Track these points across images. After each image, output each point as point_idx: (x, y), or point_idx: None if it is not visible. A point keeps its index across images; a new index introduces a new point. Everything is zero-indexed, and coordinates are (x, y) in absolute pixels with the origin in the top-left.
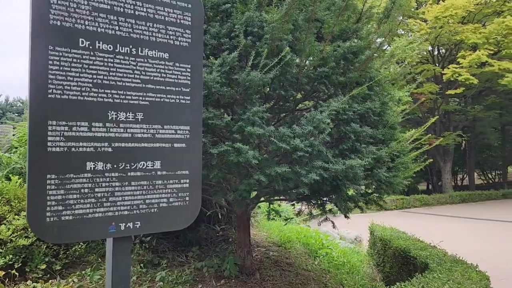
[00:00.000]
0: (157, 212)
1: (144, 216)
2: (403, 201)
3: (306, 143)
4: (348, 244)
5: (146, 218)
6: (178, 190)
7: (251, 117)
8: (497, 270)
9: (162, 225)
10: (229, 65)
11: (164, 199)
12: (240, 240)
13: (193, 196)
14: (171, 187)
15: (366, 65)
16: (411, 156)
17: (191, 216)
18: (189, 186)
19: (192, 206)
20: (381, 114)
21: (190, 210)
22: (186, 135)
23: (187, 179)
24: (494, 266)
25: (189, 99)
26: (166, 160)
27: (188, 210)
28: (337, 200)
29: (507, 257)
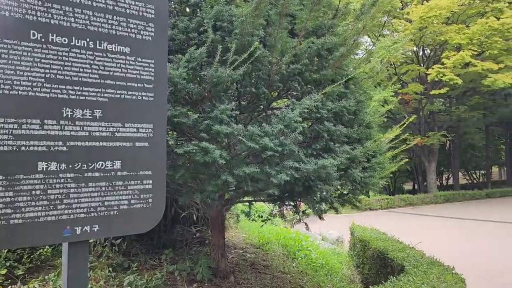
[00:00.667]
0: (117, 214)
1: (103, 219)
2: (388, 201)
3: (276, 142)
4: (330, 245)
5: (105, 221)
6: (140, 191)
7: (219, 115)
8: (477, 271)
9: (123, 228)
10: (196, 61)
11: (125, 201)
12: (214, 242)
13: (157, 197)
14: (132, 188)
15: (341, 62)
16: (388, 156)
17: (154, 218)
18: (152, 187)
19: (156, 208)
20: (357, 112)
21: (153, 212)
22: (149, 134)
23: (150, 179)
24: (474, 266)
25: (153, 96)
26: (127, 160)
27: (151, 212)
28: (310, 201)
29: (488, 257)
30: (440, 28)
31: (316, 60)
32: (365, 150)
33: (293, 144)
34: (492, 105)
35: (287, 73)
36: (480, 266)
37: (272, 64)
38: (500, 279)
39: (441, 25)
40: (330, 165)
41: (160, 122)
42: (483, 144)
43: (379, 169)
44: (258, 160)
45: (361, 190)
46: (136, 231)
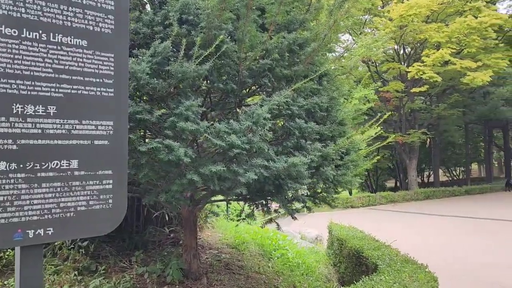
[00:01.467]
0: (74, 216)
1: (58, 221)
2: (369, 199)
3: (244, 139)
4: (308, 243)
5: (60, 223)
6: (99, 191)
7: (184, 112)
8: (452, 268)
9: (81, 231)
10: (161, 56)
11: (83, 202)
12: (186, 243)
13: (118, 198)
14: (91, 188)
15: (313, 57)
16: (363, 153)
17: (115, 219)
18: (113, 187)
19: (116, 209)
20: (329, 109)
21: (114, 214)
22: (109, 131)
23: (110, 179)
24: (449, 263)
25: (113, 92)
26: (85, 158)
27: (112, 214)
28: (281, 201)
29: (465, 254)
30: (420, 27)
31: (287, 56)
32: (337, 147)
33: (262, 142)
34: (471, 103)
35: (256, 69)
36: (456, 263)
37: (240, 59)
38: (473, 275)
39: (421, 23)
40: (300, 163)
41: (121, 119)
42: (463, 141)
43: (353, 166)
44: (226, 159)
45: (334, 189)
46: (96, 234)
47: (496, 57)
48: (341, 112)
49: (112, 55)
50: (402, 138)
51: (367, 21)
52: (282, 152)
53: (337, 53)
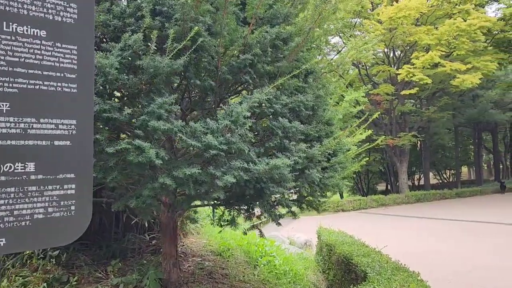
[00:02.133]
0: (30, 225)
1: (11, 231)
2: (360, 202)
3: (222, 140)
4: (297, 249)
5: (14, 233)
6: (60, 197)
7: (157, 110)
8: (445, 271)
9: (38, 241)
10: (131, 49)
11: (40, 209)
12: (165, 251)
13: (81, 204)
14: (50, 194)
15: (297, 53)
16: (351, 155)
17: (78, 228)
18: (76, 192)
19: (80, 217)
20: (315, 108)
21: (77, 222)
22: (72, 131)
23: (73, 184)
24: (439, 267)
25: (76, 87)
26: (43, 161)
27: (75, 222)
28: (263, 205)
29: (456, 258)
30: (410, 29)
31: (270, 51)
32: (324, 148)
33: (242, 142)
34: (460, 106)
35: (237, 65)
36: (448, 267)
37: (219, 54)
38: (465, 280)
39: (411, 26)
40: (283, 165)
41: (85, 117)
42: (453, 144)
43: (341, 169)
44: (202, 160)
45: (321, 192)
46: (56, 244)
47: (485, 59)
48: (328, 112)
49: (75, 48)
50: (393, 141)
51: (357, 24)
52: (264, 154)
53: (329, 56)
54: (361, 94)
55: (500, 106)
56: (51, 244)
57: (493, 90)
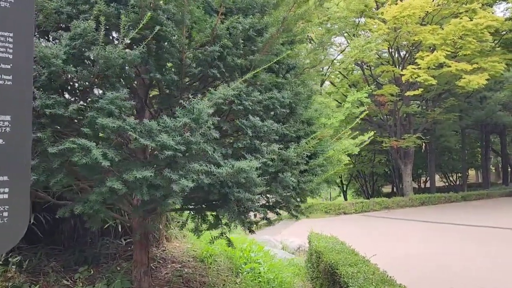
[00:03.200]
0: None
1: None
2: (362, 205)
3: (179, 139)
4: (289, 255)
5: None
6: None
7: (106, 106)
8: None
9: None
10: (81, 38)
11: None
12: (136, 258)
13: (16, 210)
14: None
15: (271, 45)
16: (331, 155)
17: (13, 236)
18: (9, 197)
19: (15, 224)
20: (293, 106)
21: (11, 229)
22: (5, 128)
23: (6, 187)
24: (433, 276)
25: (10, 79)
26: None
27: (8, 230)
28: (229, 212)
29: (456, 266)
30: (414, 29)
31: (242, 43)
32: (300, 149)
33: (205, 143)
34: (467, 107)
35: (203, 57)
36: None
37: (183, 45)
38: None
39: (415, 25)
40: (249, 168)
41: (21, 113)
42: (459, 146)
43: (321, 172)
44: (160, 163)
45: (297, 197)
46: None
47: (493, 60)
48: (310, 110)
49: (10, 35)
50: (397, 142)
51: (361, 23)
52: (232, 155)
53: (332, 56)
54: (364, 95)
55: (509, 108)
56: None
57: (501, 92)
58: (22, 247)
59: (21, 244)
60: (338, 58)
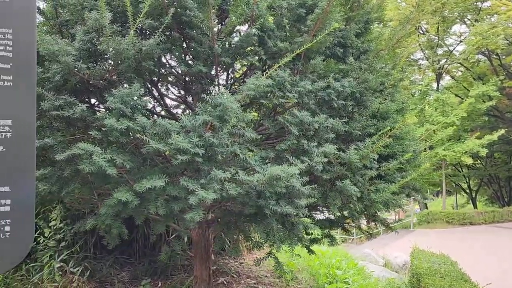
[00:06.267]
0: None
1: None
2: (493, 214)
3: (196, 141)
4: (391, 273)
5: None
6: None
7: (117, 105)
8: None
9: None
10: (95, 31)
11: None
12: (196, 273)
13: (19, 224)
14: None
15: (323, 22)
16: (423, 157)
17: (16, 253)
18: (12, 209)
19: (18, 239)
20: (358, 97)
21: (14, 245)
22: (6, 134)
23: (7, 199)
24: None
25: (11, 80)
26: None
27: (11, 246)
28: (263, 230)
29: None
30: None
31: (286, 23)
32: (367, 150)
33: (239, 144)
34: None
35: (237, 44)
36: None
37: (211, 31)
38: None
39: None
40: (286, 175)
41: (24, 116)
42: None
43: (401, 178)
44: (177, 170)
45: (362, 213)
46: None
47: None
48: (385, 101)
49: (9, 31)
50: None
51: (484, 8)
52: (275, 159)
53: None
54: (492, 88)
55: None
56: None
57: None
58: (96, 255)
59: (95, 253)
60: (458, 48)
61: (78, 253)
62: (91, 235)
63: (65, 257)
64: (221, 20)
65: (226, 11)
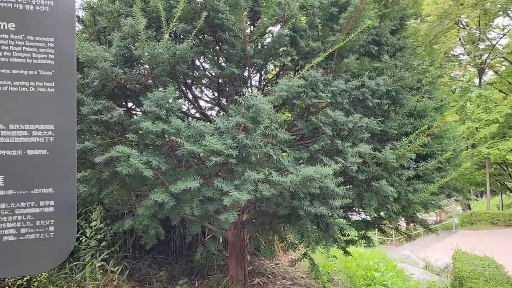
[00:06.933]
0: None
1: None
2: None
3: (230, 142)
4: (431, 276)
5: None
6: (35, 216)
7: (152, 108)
8: None
9: (8, 267)
10: (131, 37)
11: (10, 229)
12: (232, 273)
13: (62, 224)
14: (23, 212)
15: (355, 21)
16: (463, 155)
17: (60, 252)
18: (55, 210)
19: (61, 238)
20: (393, 95)
21: (57, 244)
22: (49, 138)
23: (51, 200)
24: None
25: (53, 86)
26: (13, 174)
27: (54, 245)
28: (297, 231)
29: None
30: None
31: (318, 22)
32: (403, 150)
33: (272, 145)
34: None
35: (269, 45)
36: None
37: (244, 33)
38: None
39: None
40: (319, 176)
41: (65, 121)
42: None
43: (440, 178)
44: (212, 171)
45: (399, 214)
46: (31, 271)
47: None
48: (424, 100)
49: (51, 39)
50: None
51: None
52: (308, 160)
53: (493, 41)
54: None
55: None
56: (25, 271)
57: None
58: (134, 255)
59: (134, 252)
60: (501, 42)
61: (117, 253)
62: (130, 235)
63: (106, 256)
64: (253, 22)
65: (258, 12)
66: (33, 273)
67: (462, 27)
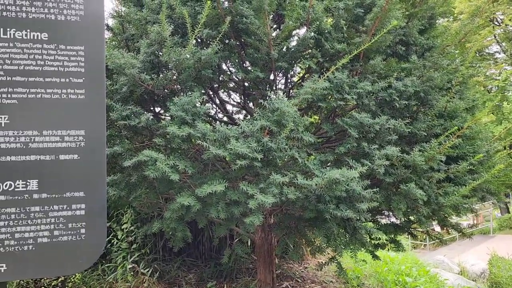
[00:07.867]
0: (34, 250)
1: (12, 256)
2: None
3: (255, 146)
4: (466, 282)
5: (15, 258)
6: (67, 219)
7: (177, 113)
8: None
9: (43, 268)
10: (157, 43)
11: (45, 232)
12: (260, 277)
13: (93, 226)
14: (56, 215)
15: (381, 21)
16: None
17: (91, 254)
18: (86, 213)
19: (92, 241)
20: (422, 96)
21: (88, 246)
22: (80, 143)
23: (83, 203)
24: None
25: (84, 93)
26: (47, 178)
27: (86, 246)
28: (324, 234)
29: None
30: None
31: (343, 23)
32: (433, 152)
33: (298, 148)
34: None
35: (295, 48)
36: None
37: (268, 37)
38: None
39: None
40: (344, 179)
41: (95, 127)
42: None
43: (472, 180)
44: (238, 175)
45: (429, 217)
46: (65, 272)
47: None
48: (454, 100)
49: (81, 48)
50: None
51: None
52: (334, 162)
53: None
54: None
55: None
56: (58, 272)
57: None
58: (164, 257)
59: (164, 255)
60: None
61: (148, 255)
62: (160, 238)
63: (136, 258)
64: (277, 25)
65: (282, 16)
66: (65, 274)
67: (498, 24)
